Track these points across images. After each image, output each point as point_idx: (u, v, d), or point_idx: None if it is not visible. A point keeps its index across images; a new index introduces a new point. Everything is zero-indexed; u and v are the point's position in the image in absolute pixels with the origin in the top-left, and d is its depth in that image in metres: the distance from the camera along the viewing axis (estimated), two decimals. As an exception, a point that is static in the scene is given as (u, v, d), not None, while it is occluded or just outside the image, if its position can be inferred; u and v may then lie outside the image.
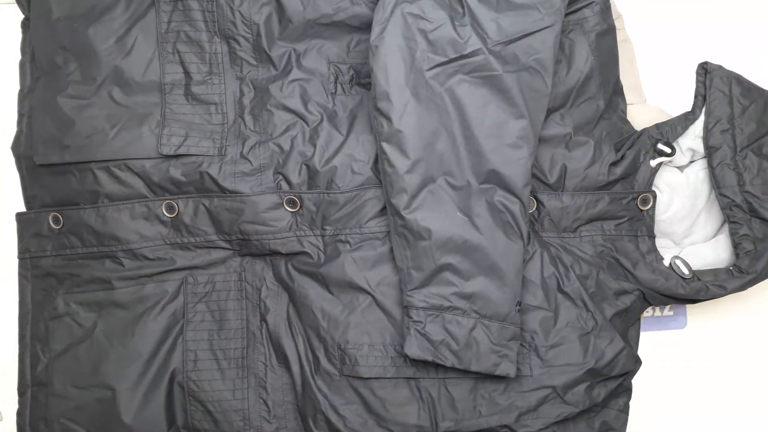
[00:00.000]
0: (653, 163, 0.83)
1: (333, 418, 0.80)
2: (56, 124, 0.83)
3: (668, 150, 0.82)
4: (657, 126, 0.84)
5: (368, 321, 0.80)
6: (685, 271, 0.82)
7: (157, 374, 0.82)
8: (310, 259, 0.82)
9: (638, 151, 0.83)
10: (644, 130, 0.84)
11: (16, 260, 0.86)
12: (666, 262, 0.83)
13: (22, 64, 0.89)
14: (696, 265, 0.84)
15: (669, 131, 0.84)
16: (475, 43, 0.77)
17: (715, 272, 0.83)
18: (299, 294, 0.82)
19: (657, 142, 0.83)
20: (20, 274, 0.86)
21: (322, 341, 0.80)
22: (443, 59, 0.77)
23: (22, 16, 0.89)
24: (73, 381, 0.83)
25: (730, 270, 0.83)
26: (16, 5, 0.88)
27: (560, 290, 0.81)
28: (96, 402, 0.82)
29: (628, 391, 0.84)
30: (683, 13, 0.94)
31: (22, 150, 0.87)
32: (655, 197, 0.83)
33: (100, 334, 0.83)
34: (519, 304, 0.78)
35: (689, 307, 0.95)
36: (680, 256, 0.84)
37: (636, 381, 0.84)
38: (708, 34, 0.94)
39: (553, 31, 0.77)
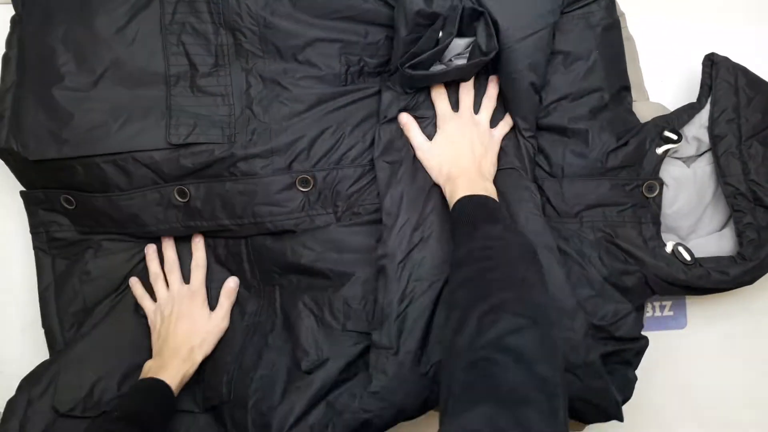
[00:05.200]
0: (659, 150, 0.83)
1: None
2: (51, 118, 0.80)
3: (675, 137, 0.83)
4: (662, 116, 0.85)
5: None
6: (687, 257, 0.82)
7: None
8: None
9: (643, 139, 0.84)
10: (650, 120, 0.85)
11: (8, 252, 0.83)
12: (668, 249, 0.84)
13: (7, 59, 0.85)
14: (699, 255, 0.84)
15: (675, 119, 0.84)
16: None
17: (717, 259, 0.84)
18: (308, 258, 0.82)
19: (663, 130, 0.83)
20: (36, 248, 0.84)
21: (327, 298, 0.80)
22: None
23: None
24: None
25: (733, 257, 0.83)
26: (11, 5, 0.85)
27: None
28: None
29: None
30: (685, 11, 0.95)
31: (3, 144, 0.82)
32: (661, 185, 0.83)
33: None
34: None
35: (689, 307, 0.95)
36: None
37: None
38: (710, 33, 0.94)
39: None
